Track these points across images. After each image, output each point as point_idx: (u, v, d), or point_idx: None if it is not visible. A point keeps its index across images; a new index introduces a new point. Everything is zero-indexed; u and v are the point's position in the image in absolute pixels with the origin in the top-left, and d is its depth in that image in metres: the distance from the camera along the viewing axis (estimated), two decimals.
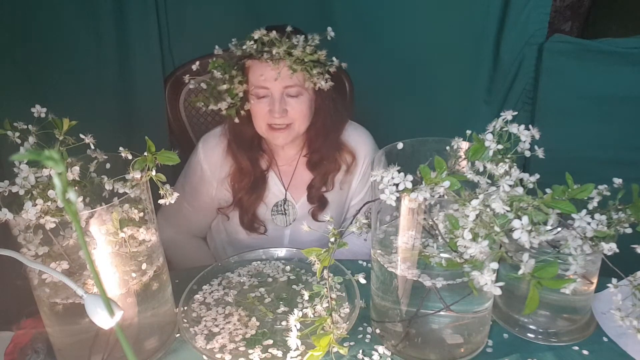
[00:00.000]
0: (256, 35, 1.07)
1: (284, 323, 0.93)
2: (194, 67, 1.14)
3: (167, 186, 0.83)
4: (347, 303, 0.96)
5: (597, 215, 0.72)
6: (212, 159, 1.25)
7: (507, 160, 0.75)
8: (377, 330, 0.92)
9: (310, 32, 1.09)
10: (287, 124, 1.14)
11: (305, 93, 1.14)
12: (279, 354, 0.86)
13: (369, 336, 0.93)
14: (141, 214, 0.82)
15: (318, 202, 1.29)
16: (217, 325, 0.93)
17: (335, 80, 1.45)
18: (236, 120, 1.15)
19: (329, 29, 1.07)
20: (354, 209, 1.36)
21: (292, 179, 1.28)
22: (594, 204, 0.81)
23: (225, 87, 1.12)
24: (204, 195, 1.28)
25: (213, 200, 1.29)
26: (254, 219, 1.28)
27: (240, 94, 1.13)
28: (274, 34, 1.06)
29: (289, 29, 1.08)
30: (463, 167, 0.82)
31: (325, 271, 0.78)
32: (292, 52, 1.06)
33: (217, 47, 1.13)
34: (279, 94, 1.11)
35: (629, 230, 0.80)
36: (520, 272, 0.66)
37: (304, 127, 1.17)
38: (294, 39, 1.06)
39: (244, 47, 1.08)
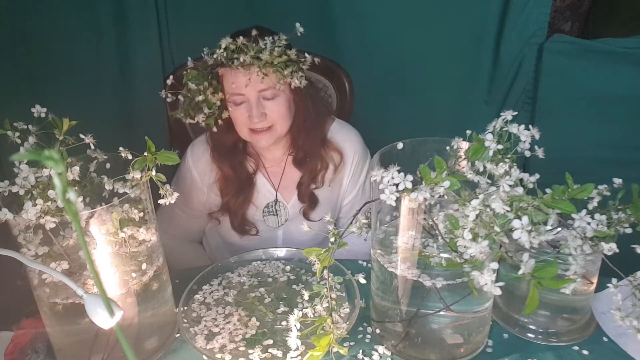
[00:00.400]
0: (223, 43, 1.05)
1: (284, 323, 0.93)
2: (168, 82, 1.13)
3: (167, 186, 0.83)
4: (347, 303, 0.96)
5: (597, 215, 0.72)
6: (201, 165, 1.25)
7: (507, 160, 0.75)
8: (377, 330, 0.92)
9: (280, 33, 1.07)
10: (268, 126, 1.14)
11: (282, 94, 1.13)
12: (279, 354, 0.86)
13: (369, 336, 0.93)
14: (141, 214, 0.82)
15: (308, 200, 1.28)
16: (217, 325, 0.93)
17: (336, 80, 1.46)
18: (214, 129, 1.15)
19: (297, 24, 1.05)
20: (346, 209, 1.35)
21: (282, 180, 1.28)
22: (594, 204, 0.81)
23: (201, 97, 1.11)
24: (195, 201, 1.28)
25: (204, 206, 1.29)
26: (243, 221, 1.28)
27: (218, 103, 1.13)
28: (240, 40, 1.05)
29: (254, 32, 1.06)
30: (463, 167, 0.82)
31: (325, 271, 0.78)
32: (260, 56, 1.04)
33: (189, 58, 1.12)
34: (255, 98, 1.11)
35: (629, 230, 0.80)
36: (520, 272, 0.66)
37: (285, 128, 1.17)
38: (261, 43, 1.05)
39: (215, 55, 1.07)
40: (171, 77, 1.13)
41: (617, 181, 0.84)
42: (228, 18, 1.49)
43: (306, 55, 1.08)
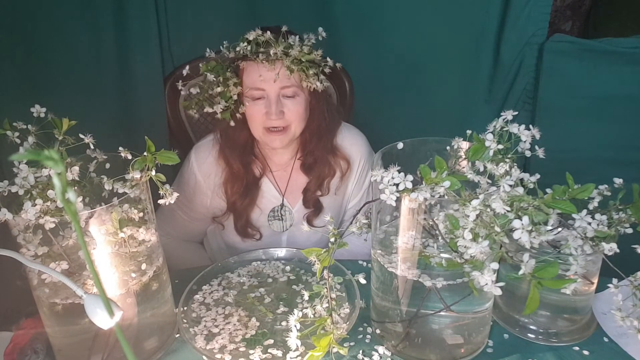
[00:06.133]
0: (251, 36, 1.05)
1: (284, 323, 0.93)
2: (184, 72, 1.12)
3: (167, 186, 0.83)
4: (347, 303, 0.96)
5: (597, 215, 0.72)
6: (205, 168, 1.23)
7: (507, 160, 0.75)
8: (377, 331, 0.92)
9: (310, 33, 1.08)
10: (284, 126, 1.13)
11: (302, 94, 1.13)
12: (279, 354, 0.86)
13: (369, 336, 0.93)
14: (141, 214, 0.82)
15: (313, 206, 1.28)
16: (217, 326, 0.93)
17: (336, 80, 1.46)
18: (232, 123, 1.14)
19: (320, 29, 1.06)
20: (350, 212, 1.35)
21: (288, 185, 1.27)
22: (594, 204, 0.81)
23: (219, 89, 1.10)
24: (198, 204, 1.27)
25: (208, 210, 1.29)
26: (247, 224, 1.27)
27: (235, 97, 1.12)
28: (268, 34, 1.05)
29: (284, 28, 1.07)
30: (463, 167, 0.82)
31: (325, 271, 0.77)
32: (289, 52, 1.05)
33: (208, 49, 1.13)
34: (275, 95, 1.10)
35: (629, 230, 0.80)
36: (521, 272, 0.66)
37: (300, 129, 1.16)
38: (290, 39, 1.06)
39: (238, 48, 1.07)
40: (187, 67, 1.13)
41: (618, 181, 0.84)
42: (228, 18, 1.49)
43: (328, 59, 1.08)
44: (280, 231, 1.30)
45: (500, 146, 0.76)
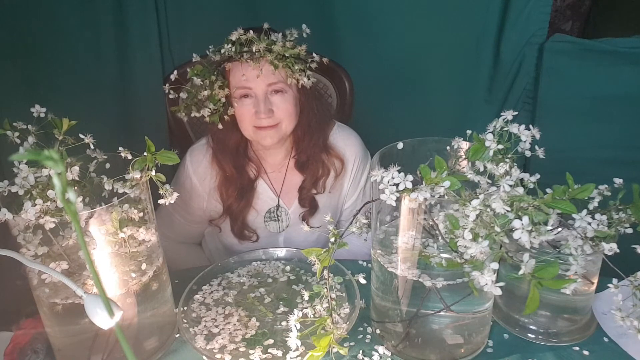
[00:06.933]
0: (234, 36, 1.06)
1: (284, 323, 0.93)
2: (172, 77, 1.12)
3: (167, 186, 0.83)
4: (347, 303, 0.96)
5: (597, 215, 0.72)
6: (200, 171, 1.23)
7: (507, 160, 0.75)
8: (377, 331, 0.92)
9: (292, 29, 1.08)
10: (274, 124, 1.13)
11: (290, 91, 1.12)
12: (279, 354, 0.86)
13: (369, 336, 0.93)
14: (141, 214, 0.82)
15: (309, 205, 1.28)
16: (217, 326, 0.93)
17: (336, 80, 1.46)
18: (220, 126, 1.14)
19: (304, 26, 1.06)
20: (347, 212, 1.35)
21: (283, 185, 1.27)
22: (594, 204, 0.81)
23: (206, 93, 1.10)
24: (195, 207, 1.27)
25: (205, 212, 1.28)
26: (244, 226, 1.27)
27: (223, 99, 1.12)
28: (251, 33, 1.05)
29: (265, 26, 1.07)
30: (463, 167, 0.82)
31: (325, 271, 0.77)
32: (272, 48, 1.05)
33: (194, 54, 1.12)
34: (263, 93, 1.10)
35: (629, 231, 0.80)
36: (521, 272, 0.66)
37: (291, 127, 1.16)
38: (273, 36, 1.06)
39: (222, 50, 1.07)
40: (175, 72, 1.13)
41: (618, 181, 0.84)
42: (228, 18, 1.50)
43: (314, 55, 1.08)
44: (276, 232, 1.30)
45: (500, 146, 0.76)
